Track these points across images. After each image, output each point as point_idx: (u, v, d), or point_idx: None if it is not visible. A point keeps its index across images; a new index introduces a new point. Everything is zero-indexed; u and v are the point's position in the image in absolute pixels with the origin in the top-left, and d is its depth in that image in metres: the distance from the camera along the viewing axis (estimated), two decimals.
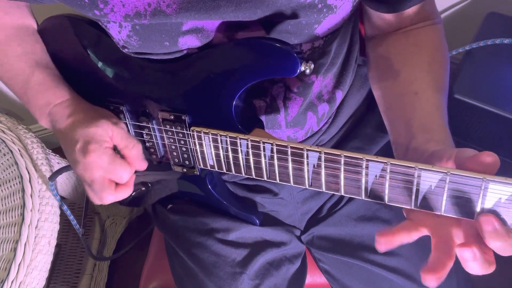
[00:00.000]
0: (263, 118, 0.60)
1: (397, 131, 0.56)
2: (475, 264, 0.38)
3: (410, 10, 0.57)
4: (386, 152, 0.69)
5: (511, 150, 1.00)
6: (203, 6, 0.46)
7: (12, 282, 0.75)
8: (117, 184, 0.57)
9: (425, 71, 0.57)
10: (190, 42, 0.52)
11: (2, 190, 0.85)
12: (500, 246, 0.37)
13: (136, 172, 0.67)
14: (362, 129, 0.70)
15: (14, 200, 0.82)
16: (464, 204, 0.40)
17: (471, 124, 0.99)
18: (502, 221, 0.38)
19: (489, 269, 0.39)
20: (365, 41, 0.67)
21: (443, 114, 0.53)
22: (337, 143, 0.70)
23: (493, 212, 0.39)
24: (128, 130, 0.62)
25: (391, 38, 0.61)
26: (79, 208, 1.24)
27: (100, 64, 0.61)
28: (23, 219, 0.78)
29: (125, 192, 0.58)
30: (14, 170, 0.83)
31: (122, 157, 0.57)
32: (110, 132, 0.55)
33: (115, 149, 0.57)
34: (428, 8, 0.60)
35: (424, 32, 0.60)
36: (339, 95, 0.64)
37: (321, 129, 0.67)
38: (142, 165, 0.58)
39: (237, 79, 0.51)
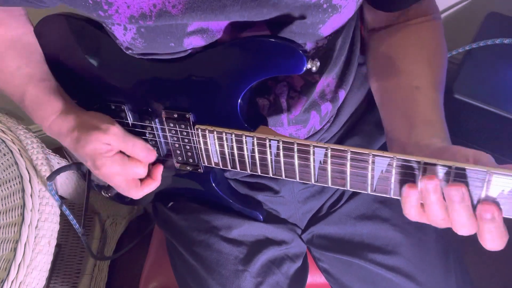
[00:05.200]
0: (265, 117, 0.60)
1: (396, 126, 0.56)
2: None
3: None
4: (386, 149, 0.69)
5: (511, 150, 1.00)
6: (209, 6, 0.46)
7: (12, 282, 0.75)
8: (141, 179, 0.61)
9: (426, 67, 0.57)
10: (195, 43, 0.52)
11: (2, 190, 0.85)
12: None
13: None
14: (362, 127, 0.70)
15: (14, 200, 0.82)
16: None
17: (471, 124, 0.99)
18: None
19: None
20: (365, 37, 0.67)
21: (442, 112, 0.54)
22: (338, 141, 0.70)
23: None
24: (126, 125, 0.63)
25: (391, 31, 0.62)
26: (79, 208, 1.24)
27: (99, 63, 0.60)
28: (23, 219, 0.78)
29: (152, 185, 0.62)
30: (14, 170, 0.83)
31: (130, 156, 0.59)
32: (106, 140, 0.56)
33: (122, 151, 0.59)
34: (427, 4, 0.60)
35: (425, 28, 0.60)
36: (342, 94, 0.65)
37: (323, 128, 0.67)
38: (150, 157, 0.60)
39: (243, 77, 0.51)
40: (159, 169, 0.62)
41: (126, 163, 0.58)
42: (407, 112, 0.54)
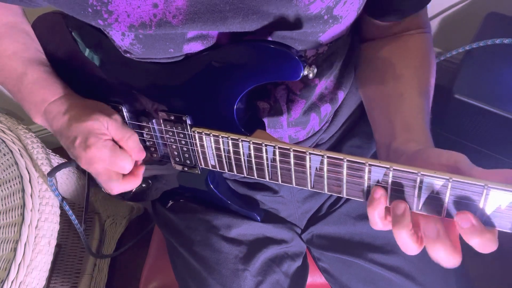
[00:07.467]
0: (265, 119, 0.60)
1: (381, 131, 0.56)
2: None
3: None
4: None
5: (511, 150, 1.00)
6: (210, 17, 0.46)
7: (12, 282, 0.75)
8: (124, 174, 0.58)
9: (412, 75, 0.58)
10: (195, 48, 0.52)
11: (2, 190, 0.85)
12: (478, 242, 0.38)
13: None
14: (361, 128, 0.70)
15: (14, 200, 0.82)
16: (465, 210, 0.41)
17: (471, 124, 0.99)
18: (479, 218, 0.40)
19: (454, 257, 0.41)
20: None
21: (425, 117, 0.54)
22: (337, 142, 0.70)
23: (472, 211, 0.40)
24: (125, 121, 0.62)
25: (382, 42, 0.62)
26: (79, 208, 1.24)
27: (97, 63, 0.60)
28: (23, 219, 0.78)
29: (133, 183, 0.60)
30: (14, 170, 0.83)
31: (121, 148, 0.58)
32: (105, 124, 0.56)
33: (114, 140, 0.57)
34: (420, 18, 0.61)
35: (413, 38, 0.61)
36: (341, 95, 0.65)
37: (321, 129, 0.67)
38: (140, 155, 0.59)
39: (240, 81, 0.51)
40: (141, 168, 0.61)
41: (116, 151, 0.56)
42: (390, 119, 0.55)
